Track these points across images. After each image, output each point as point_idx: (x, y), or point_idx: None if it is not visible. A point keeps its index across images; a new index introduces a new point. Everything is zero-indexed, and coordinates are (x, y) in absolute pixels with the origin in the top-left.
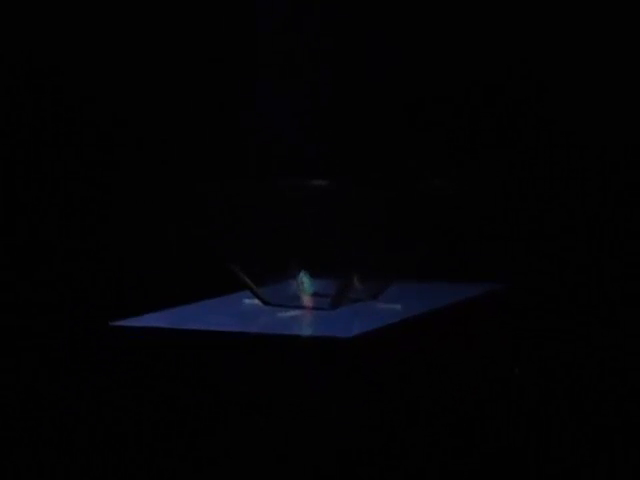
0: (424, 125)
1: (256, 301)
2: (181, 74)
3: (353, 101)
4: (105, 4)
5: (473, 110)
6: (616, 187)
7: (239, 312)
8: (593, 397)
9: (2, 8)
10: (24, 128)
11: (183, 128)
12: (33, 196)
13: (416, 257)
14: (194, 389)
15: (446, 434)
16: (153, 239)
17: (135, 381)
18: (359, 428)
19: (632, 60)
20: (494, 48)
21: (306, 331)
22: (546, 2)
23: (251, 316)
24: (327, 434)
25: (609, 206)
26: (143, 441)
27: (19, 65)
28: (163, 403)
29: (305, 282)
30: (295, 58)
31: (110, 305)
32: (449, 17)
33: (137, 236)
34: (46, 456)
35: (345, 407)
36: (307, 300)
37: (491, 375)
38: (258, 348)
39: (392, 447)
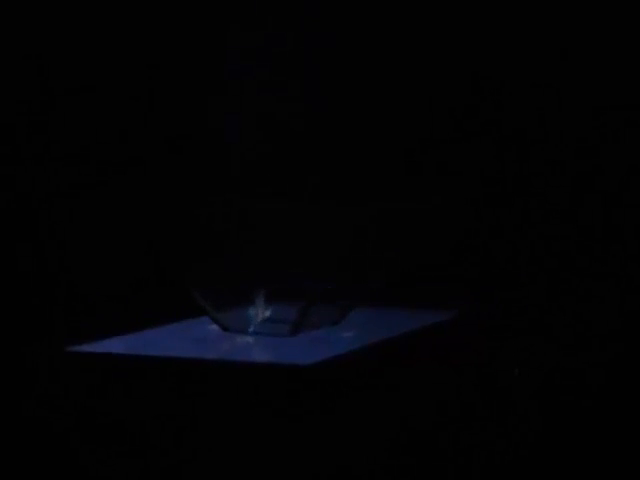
0: (398, 148)
1: (215, 327)
2: (159, 95)
3: (327, 122)
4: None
5: (447, 134)
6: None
7: (198, 338)
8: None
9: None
10: None
11: (145, 152)
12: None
13: (376, 284)
14: (151, 416)
15: (413, 462)
16: (112, 262)
17: (92, 408)
18: (319, 457)
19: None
20: (476, 65)
21: (265, 358)
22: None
23: (210, 342)
24: (287, 463)
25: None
26: (100, 469)
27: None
28: (120, 430)
29: (259, 305)
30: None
31: (67, 330)
32: (428, 38)
33: (96, 259)
34: None
35: (304, 435)
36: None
37: (461, 400)
38: (216, 375)
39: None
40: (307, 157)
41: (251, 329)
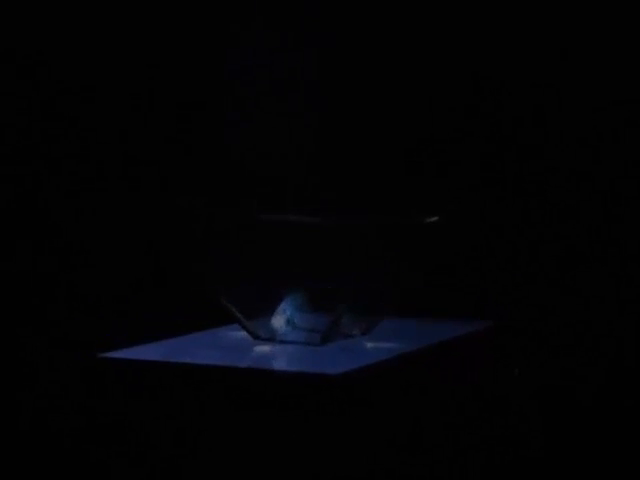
0: (411, 158)
1: (244, 334)
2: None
3: (338, 134)
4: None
5: (448, 136)
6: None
7: (229, 346)
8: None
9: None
10: None
11: (172, 157)
12: (17, 220)
13: (406, 294)
14: (183, 422)
15: (441, 474)
16: (143, 270)
17: (124, 413)
18: (349, 465)
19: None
20: (476, 65)
21: (295, 367)
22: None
23: (241, 350)
24: (316, 471)
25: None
26: (131, 473)
27: None
28: (152, 435)
29: (290, 314)
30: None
31: (99, 336)
32: (428, 39)
33: (127, 267)
34: None
35: (334, 444)
36: (296, 334)
37: (485, 409)
38: (247, 383)
39: None
40: (312, 166)
41: (281, 337)
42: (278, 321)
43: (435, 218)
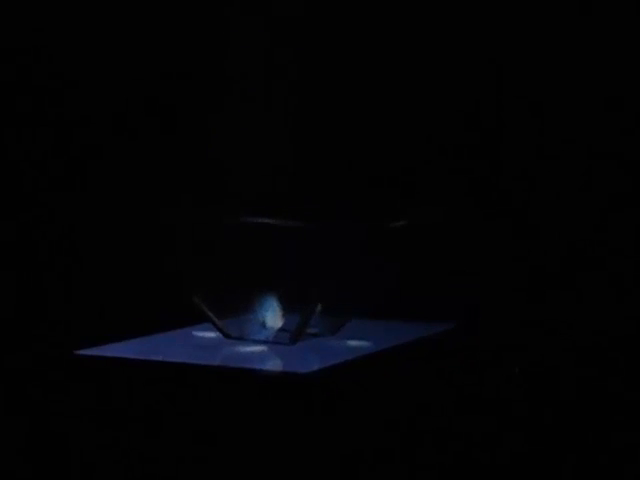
0: (389, 161)
1: (216, 334)
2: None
3: (319, 134)
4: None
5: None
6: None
7: (200, 344)
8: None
9: None
10: None
11: (149, 157)
12: None
13: (376, 295)
14: (156, 420)
15: (413, 466)
16: (116, 268)
17: (98, 411)
18: (317, 465)
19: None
20: (473, 74)
21: (266, 365)
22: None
23: (212, 349)
24: (284, 470)
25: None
26: (106, 470)
27: None
28: (126, 433)
29: (269, 315)
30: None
31: (73, 334)
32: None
33: (100, 265)
34: None
35: (302, 443)
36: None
37: (458, 409)
38: (218, 381)
39: None
40: (303, 172)
41: (252, 337)
42: (249, 320)
43: (403, 222)
